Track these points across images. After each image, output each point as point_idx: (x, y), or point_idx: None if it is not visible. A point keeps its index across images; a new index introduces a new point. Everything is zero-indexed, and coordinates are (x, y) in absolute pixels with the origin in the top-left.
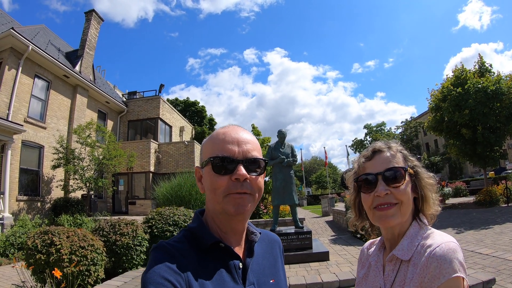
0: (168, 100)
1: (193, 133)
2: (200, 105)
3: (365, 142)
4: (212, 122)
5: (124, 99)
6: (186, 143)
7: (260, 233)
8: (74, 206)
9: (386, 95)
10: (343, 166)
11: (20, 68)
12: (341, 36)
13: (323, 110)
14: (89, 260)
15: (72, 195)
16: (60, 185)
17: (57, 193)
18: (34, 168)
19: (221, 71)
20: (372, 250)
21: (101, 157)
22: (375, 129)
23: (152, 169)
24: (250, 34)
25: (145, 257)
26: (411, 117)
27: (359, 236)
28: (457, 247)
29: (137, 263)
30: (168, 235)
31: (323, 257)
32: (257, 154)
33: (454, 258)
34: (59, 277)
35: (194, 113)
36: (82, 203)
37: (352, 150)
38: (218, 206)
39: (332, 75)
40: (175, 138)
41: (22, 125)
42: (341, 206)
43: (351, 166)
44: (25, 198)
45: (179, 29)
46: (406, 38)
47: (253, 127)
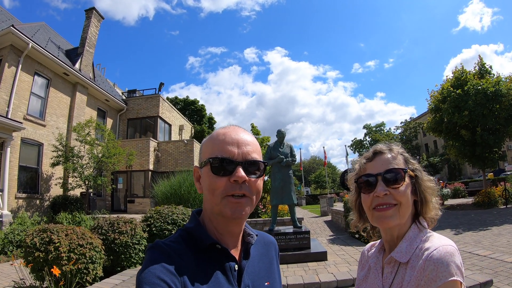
0: (167, 98)
1: (193, 131)
2: (199, 104)
3: (365, 142)
4: (211, 121)
5: (124, 97)
6: (186, 141)
7: (257, 235)
8: (73, 204)
9: (386, 95)
10: (342, 166)
11: (20, 66)
12: (341, 36)
13: (322, 110)
14: (87, 258)
15: (71, 193)
16: (59, 182)
17: (56, 190)
18: (33, 165)
19: (221, 70)
20: (372, 252)
21: (100, 155)
22: (374, 129)
23: (151, 167)
24: (251, 33)
25: (144, 256)
26: (411, 117)
27: (357, 236)
28: (455, 250)
29: (135, 261)
30: (167, 233)
31: (321, 257)
32: (257, 156)
33: (451, 262)
34: (58, 275)
35: (193, 111)
36: (81, 201)
37: (352, 150)
38: (216, 208)
39: (332, 75)
40: (175, 136)
41: (21, 123)
42: (339, 206)
43: (350, 166)
44: (24, 195)
45: (180, 28)
46: (406, 39)
47: (252, 126)
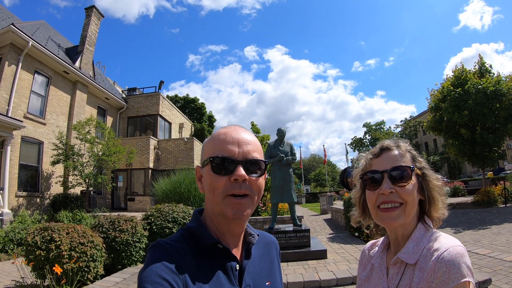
0: (167, 96)
1: (193, 130)
2: (199, 102)
3: (364, 140)
4: (211, 119)
5: (124, 96)
6: (186, 140)
7: (258, 235)
8: (73, 202)
9: (386, 93)
10: (342, 164)
11: (20, 64)
12: (342, 35)
13: (323, 108)
14: (88, 257)
15: (71, 191)
16: (59, 181)
17: (56, 189)
18: (34, 164)
19: (222, 68)
20: (375, 252)
21: (100, 153)
22: (374, 127)
23: (151, 165)
24: (251, 31)
25: (144, 254)
26: (411, 116)
27: (357, 234)
28: (464, 251)
29: (136, 259)
30: (167, 231)
31: (321, 255)
32: (257, 155)
33: (462, 263)
34: (59, 273)
35: (193, 110)
36: (81, 199)
37: (351, 148)
38: (216, 207)
39: (333, 73)
40: (175, 134)
41: (21, 121)
42: (339, 205)
43: (350, 165)
44: (24, 194)
45: (180, 26)
46: (407, 37)
47: (252, 124)
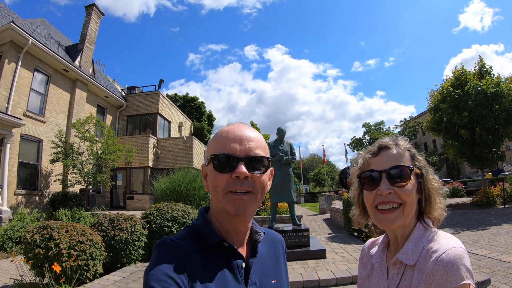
0: (167, 95)
1: (192, 128)
2: (199, 101)
3: (364, 140)
4: (211, 118)
5: (124, 94)
6: (185, 138)
7: (264, 232)
8: (72, 201)
9: (386, 94)
10: (341, 164)
11: (20, 62)
12: (342, 35)
13: (322, 108)
14: (87, 255)
15: (71, 189)
16: (58, 179)
17: (55, 187)
18: (33, 162)
19: (222, 67)
20: (374, 251)
21: (99, 151)
22: (373, 128)
23: (150, 164)
24: (251, 30)
25: (143, 252)
26: (410, 116)
27: (356, 234)
28: (464, 252)
29: (135, 258)
30: (167, 230)
31: (320, 254)
32: (261, 152)
33: (461, 265)
34: (58, 272)
35: (193, 108)
36: (80, 198)
37: (351, 148)
38: (219, 205)
39: (333, 73)
40: (174, 133)
41: (21, 119)
42: (338, 204)
43: (349, 164)
44: (23, 192)
45: (180, 25)
46: (407, 38)
47: (252, 124)
